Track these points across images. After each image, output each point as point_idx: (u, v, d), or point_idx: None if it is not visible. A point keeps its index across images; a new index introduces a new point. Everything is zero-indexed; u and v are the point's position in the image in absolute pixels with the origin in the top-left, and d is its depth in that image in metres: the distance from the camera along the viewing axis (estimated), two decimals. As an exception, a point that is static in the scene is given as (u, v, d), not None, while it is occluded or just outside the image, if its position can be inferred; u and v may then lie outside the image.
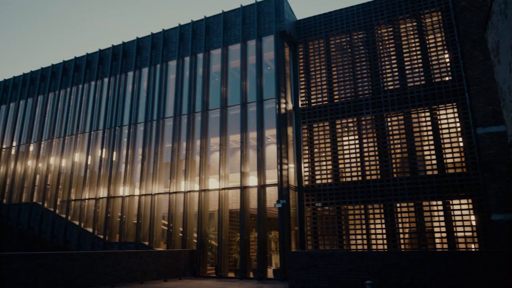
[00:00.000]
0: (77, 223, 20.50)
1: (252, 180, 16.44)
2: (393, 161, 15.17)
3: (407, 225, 14.63)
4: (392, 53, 16.19)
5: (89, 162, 21.26)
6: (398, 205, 14.69)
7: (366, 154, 15.62)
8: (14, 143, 25.16)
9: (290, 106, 17.46)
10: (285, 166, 16.02)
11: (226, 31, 18.87)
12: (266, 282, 14.12)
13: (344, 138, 16.35)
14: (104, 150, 20.87)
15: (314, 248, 15.58)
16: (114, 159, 20.36)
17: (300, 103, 17.53)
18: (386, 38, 16.53)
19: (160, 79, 20.14)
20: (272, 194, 16.33)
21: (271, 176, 16.12)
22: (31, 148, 24.25)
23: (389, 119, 15.62)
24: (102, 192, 20.22)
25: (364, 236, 14.82)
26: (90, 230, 19.98)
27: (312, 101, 17.33)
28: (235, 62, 18.56)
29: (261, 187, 15.91)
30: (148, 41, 21.26)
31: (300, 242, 15.97)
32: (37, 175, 23.18)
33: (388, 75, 16.02)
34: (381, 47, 16.53)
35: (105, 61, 22.77)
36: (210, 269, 16.90)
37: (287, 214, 15.48)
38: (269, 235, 16.63)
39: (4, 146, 25.66)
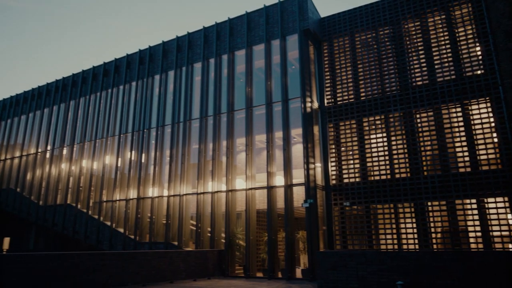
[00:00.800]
0: (108, 223, 21.08)
1: (279, 180, 16.41)
2: (423, 158, 14.76)
3: (439, 224, 14.20)
4: (420, 48, 15.77)
5: (119, 164, 21.82)
6: (429, 203, 14.29)
7: (394, 151, 15.28)
8: (49, 147, 26.13)
9: (315, 104, 17.32)
10: (311, 166, 15.90)
11: (250, 31, 18.92)
12: (294, 282, 14.06)
13: (372, 136, 16.05)
14: (133, 152, 21.36)
15: (343, 248, 15.38)
16: (143, 161, 20.81)
17: (325, 101, 17.35)
18: (414, 32, 16.11)
19: (186, 81, 20.43)
20: (299, 193, 16.25)
21: (298, 176, 16.04)
22: (64, 151, 25.11)
23: (418, 116, 15.22)
24: (132, 193, 20.71)
25: (394, 236, 14.51)
26: (121, 230, 20.50)
27: (338, 99, 17.11)
28: (259, 62, 18.59)
29: (288, 187, 15.86)
30: (174, 44, 21.60)
31: (328, 242, 15.81)
32: (70, 177, 23.99)
33: (416, 70, 15.62)
34: (408, 42, 16.13)
35: (133, 65, 23.30)
36: (239, 269, 16.99)
37: (314, 214, 15.37)
38: (296, 235, 16.55)
39: (39, 150, 26.69)
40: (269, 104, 17.32)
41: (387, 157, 15.35)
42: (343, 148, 16.50)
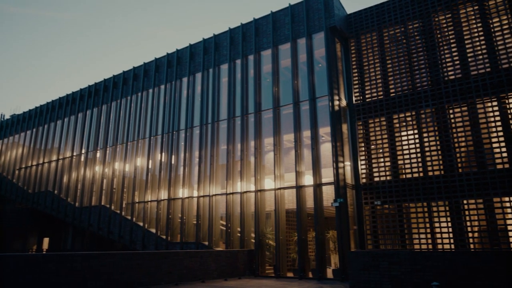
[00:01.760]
0: (141, 224, 21.59)
1: (308, 179, 16.30)
2: (458, 155, 14.26)
3: (476, 223, 13.67)
4: (452, 41, 15.25)
5: (150, 166, 22.32)
6: (465, 201, 13.78)
7: (427, 148, 14.85)
8: (83, 151, 27.06)
9: (343, 102, 17.09)
10: (341, 164, 15.69)
11: (276, 31, 18.90)
12: (325, 282, 13.92)
13: (403, 133, 15.67)
14: (163, 154, 21.80)
15: (375, 248, 15.09)
16: (173, 162, 21.19)
17: (354, 99, 17.09)
18: (445, 25, 15.60)
19: (213, 83, 20.65)
20: (328, 193, 16.08)
21: (327, 175, 15.88)
22: (98, 154, 25.94)
23: (451, 111, 14.73)
24: (163, 194, 21.12)
25: (428, 235, 14.09)
26: (153, 230, 20.96)
27: (367, 96, 16.81)
28: (285, 61, 18.54)
29: (317, 186, 15.73)
30: (200, 47, 21.88)
31: (359, 241, 15.56)
32: (104, 179, 24.75)
33: (448, 64, 15.11)
34: (439, 35, 15.64)
35: (161, 68, 23.78)
36: (269, 269, 17.00)
37: (344, 213, 15.16)
38: (327, 234, 16.39)
39: (74, 154, 27.69)
40: (297, 103, 17.23)
41: (419, 154, 14.94)
42: (373, 146, 16.19)
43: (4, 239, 33.12)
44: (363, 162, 16.19)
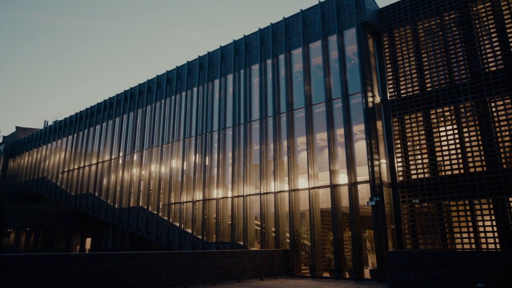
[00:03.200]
0: (177, 224, 22.05)
1: (342, 178, 16.07)
2: (501, 150, 13.58)
3: (524, 221, 12.97)
4: (492, 31, 14.55)
5: (184, 168, 22.75)
6: (510, 199, 13.11)
7: (467, 144, 14.25)
8: (121, 154, 27.98)
9: (377, 99, 16.71)
10: (376, 162, 15.35)
11: (306, 29, 18.75)
12: (363, 283, 13.66)
13: (441, 129, 15.11)
14: (197, 155, 22.16)
15: (414, 248, 14.65)
16: (206, 163, 21.49)
17: (388, 95, 16.67)
18: (484, 14, 14.91)
19: (245, 83, 20.77)
20: (364, 191, 15.77)
21: (362, 173, 15.58)
22: (135, 157, 26.73)
23: (493, 104, 14.05)
24: (198, 195, 21.47)
25: (471, 235, 13.52)
26: (189, 231, 21.35)
27: (402, 91, 16.35)
28: (316, 59, 18.36)
29: (352, 185, 15.46)
30: (231, 48, 22.06)
31: (397, 241, 15.16)
32: (141, 181, 25.47)
33: (489, 55, 14.43)
34: (478, 26, 14.97)
35: (193, 71, 24.18)
36: (305, 269, 16.89)
37: (381, 212, 14.82)
38: (363, 234, 16.08)
39: (113, 157, 28.69)
40: (329, 101, 17.02)
41: (459, 150, 14.36)
42: (409, 143, 15.73)
43: (50, 240, 34.82)
44: (399, 159, 15.76)
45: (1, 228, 32.35)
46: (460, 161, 14.25)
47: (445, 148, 14.71)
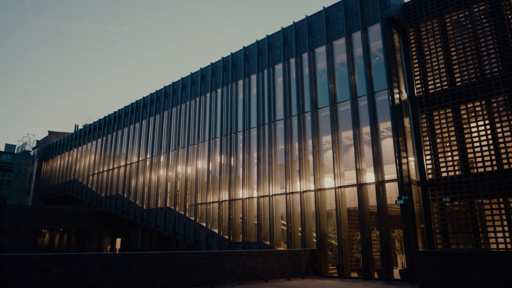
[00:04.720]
0: (204, 224, 22.29)
1: (369, 177, 15.80)
2: (537, 145, 13.01)
3: None
4: (525, 21, 13.96)
5: (210, 168, 22.97)
6: (548, 196, 12.54)
7: (501, 140, 13.72)
8: (148, 155, 28.54)
9: (404, 95, 16.34)
10: (404, 160, 15.01)
11: (329, 26, 18.56)
12: (393, 283, 13.39)
13: (472, 124, 14.62)
14: (222, 156, 22.32)
15: (445, 247, 14.24)
16: (232, 163, 21.62)
17: (415, 91, 16.28)
18: (516, 5, 14.32)
19: (268, 83, 20.76)
20: (392, 190, 15.46)
21: (389, 172, 15.27)
22: (162, 158, 27.20)
23: (527, 98, 13.48)
24: (224, 195, 21.62)
25: (506, 234, 13.02)
26: (216, 231, 21.53)
27: (430, 87, 15.92)
28: (340, 57, 18.13)
29: (379, 184, 15.18)
30: (254, 49, 22.10)
31: (427, 240, 14.77)
32: (168, 182, 25.89)
33: (522, 47, 13.85)
34: (510, 16, 14.39)
35: (217, 73, 24.37)
36: (332, 269, 16.72)
37: (410, 211, 14.48)
38: (392, 233, 15.75)
39: (140, 159, 29.30)
40: (354, 99, 16.79)
41: (491, 147, 13.85)
42: (438, 140, 15.30)
43: (82, 240, 35.94)
44: (428, 157, 15.36)
45: (36, 229, 33.65)
46: (493, 157, 13.74)
47: (477, 144, 14.23)
